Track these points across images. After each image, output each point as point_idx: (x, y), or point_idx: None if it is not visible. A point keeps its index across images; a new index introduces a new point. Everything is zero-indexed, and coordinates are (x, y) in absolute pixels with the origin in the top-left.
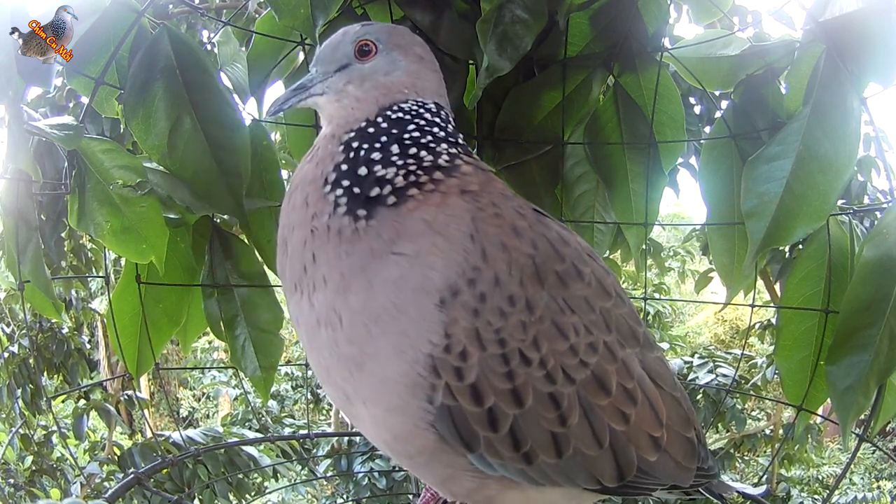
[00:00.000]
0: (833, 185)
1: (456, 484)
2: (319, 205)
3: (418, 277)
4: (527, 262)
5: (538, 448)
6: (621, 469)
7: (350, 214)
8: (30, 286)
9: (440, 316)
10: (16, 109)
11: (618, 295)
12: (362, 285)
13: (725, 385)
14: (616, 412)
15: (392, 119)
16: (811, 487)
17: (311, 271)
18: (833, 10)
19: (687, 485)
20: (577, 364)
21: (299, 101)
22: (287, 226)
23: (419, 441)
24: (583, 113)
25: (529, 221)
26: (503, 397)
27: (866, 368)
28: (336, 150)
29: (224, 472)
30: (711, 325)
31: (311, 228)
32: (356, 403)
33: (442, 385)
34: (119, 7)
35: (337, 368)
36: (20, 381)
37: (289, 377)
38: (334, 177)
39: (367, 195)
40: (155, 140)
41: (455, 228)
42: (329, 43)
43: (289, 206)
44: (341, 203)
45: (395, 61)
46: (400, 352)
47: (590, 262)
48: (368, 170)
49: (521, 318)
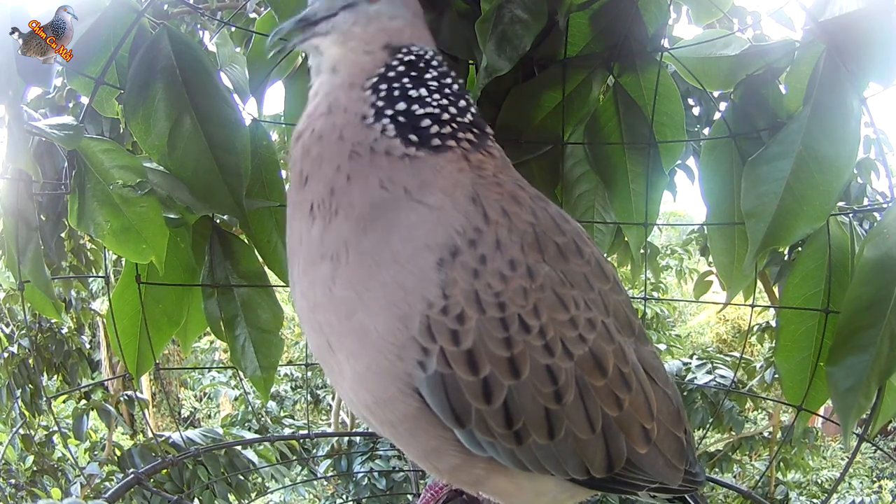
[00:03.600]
0: (833, 185)
1: (441, 459)
2: (362, 134)
3: (428, 231)
4: (527, 229)
5: (531, 426)
6: (611, 458)
7: (400, 138)
8: (30, 286)
9: (439, 275)
10: (16, 109)
11: (616, 281)
12: (382, 226)
13: (724, 386)
14: (611, 395)
15: (407, 62)
16: (810, 491)
17: (340, 194)
18: (833, 10)
19: (675, 486)
20: (576, 338)
21: (303, 40)
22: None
23: (401, 407)
24: (583, 113)
25: (529, 194)
26: (500, 366)
27: (867, 369)
28: (363, 95)
29: (224, 473)
30: (713, 325)
31: (350, 153)
32: (338, 354)
33: (437, 350)
34: (119, 7)
35: (324, 309)
36: (20, 382)
37: (289, 378)
38: (373, 112)
39: (417, 125)
40: (155, 140)
41: (458, 191)
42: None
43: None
44: (389, 129)
45: (398, 8)
46: (392, 305)
47: (589, 243)
48: (407, 105)
49: (521, 283)
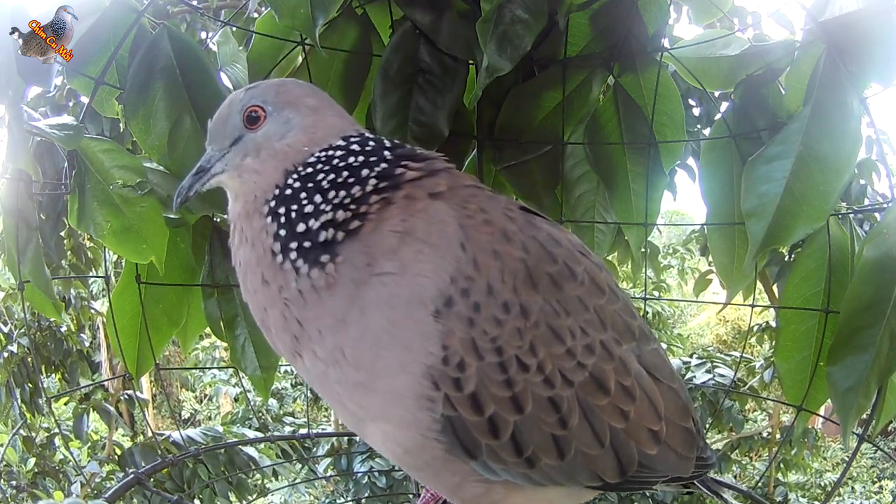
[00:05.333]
0: (833, 185)
1: (465, 491)
2: (280, 278)
3: (409, 289)
4: (519, 266)
5: (540, 452)
6: (623, 465)
7: (315, 268)
8: (30, 286)
9: (436, 326)
10: (16, 109)
11: (611, 290)
12: (356, 315)
13: (723, 386)
14: (615, 411)
15: (303, 176)
16: (812, 493)
17: (303, 336)
18: (833, 10)
19: (687, 474)
20: (575, 366)
21: (202, 184)
22: (257, 308)
23: (428, 452)
24: (583, 113)
25: (519, 224)
26: (503, 405)
27: (867, 369)
28: (265, 223)
29: (224, 472)
30: (713, 325)
31: (283, 302)
32: (367, 423)
33: (441, 397)
34: (119, 7)
35: (349, 397)
36: (19, 381)
37: (289, 375)
38: (279, 246)
39: (319, 242)
40: (155, 140)
41: (439, 236)
42: (218, 117)
43: (249, 291)
44: (299, 265)
45: (287, 121)
46: (405, 365)
47: (582, 259)
48: (306, 225)
49: (516, 324)
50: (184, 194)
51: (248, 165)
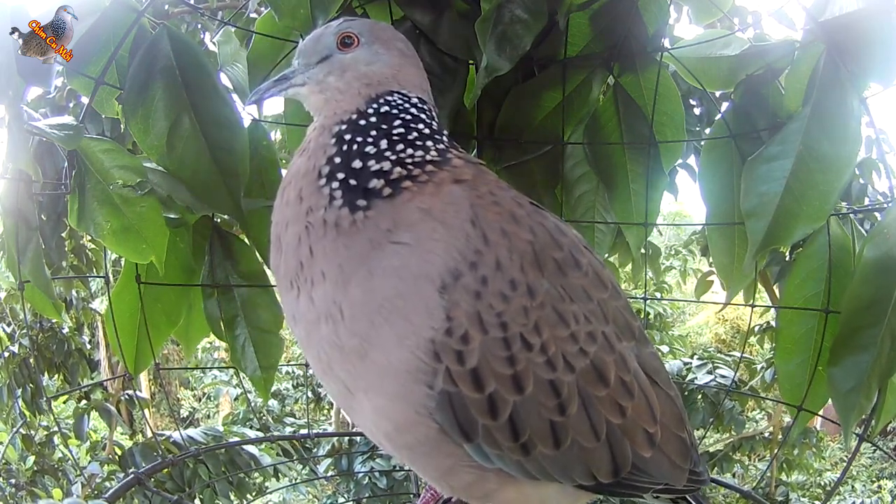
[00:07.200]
0: (833, 185)
1: (455, 477)
2: (314, 198)
3: (419, 264)
4: (526, 248)
5: (536, 438)
6: (617, 464)
7: (347, 206)
8: (30, 286)
9: (441, 300)
10: (16, 109)
11: (614, 287)
12: (363, 276)
13: (724, 386)
14: (613, 404)
15: (381, 112)
16: (813, 493)
17: (308, 267)
18: (833, 10)
19: (680, 486)
20: (577, 352)
21: (280, 91)
22: (280, 222)
23: (420, 430)
24: (583, 113)
25: (527, 210)
26: (504, 383)
27: (868, 369)
28: (328, 143)
29: (225, 472)
30: (712, 325)
31: (306, 224)
32: (357, 394)
33: (442, 370)
34: (119, 7)
35: (339, 361)
36: (20, 381)
37: (289, 376)
38: (328, 170)
39: (365, 187)
40: (154, 140)
41: (454, 215)
42: (312, 36)
43: (282, 201)
44: (337, 196)
45: (376, 53)
46: (403, 338)
47: (586, 253)
48: (363, 163)
49: (522, 302)
50: (260, 94)
51: (332, 83)
